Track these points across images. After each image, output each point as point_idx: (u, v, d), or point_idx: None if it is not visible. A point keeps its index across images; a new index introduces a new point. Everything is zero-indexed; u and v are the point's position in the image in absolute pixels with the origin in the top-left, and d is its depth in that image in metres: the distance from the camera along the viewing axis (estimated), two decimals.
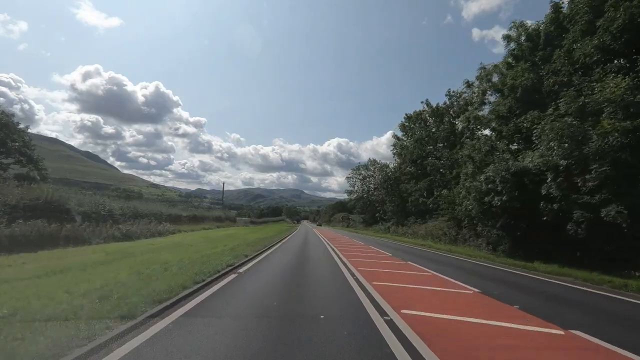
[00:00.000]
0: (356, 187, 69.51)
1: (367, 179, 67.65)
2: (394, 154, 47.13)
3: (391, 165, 51.53)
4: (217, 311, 5.72)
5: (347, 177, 70.35)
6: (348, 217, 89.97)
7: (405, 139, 44.83)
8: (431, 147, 38.30)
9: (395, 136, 47.75)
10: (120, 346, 3.92)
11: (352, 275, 10.50)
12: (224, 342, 4.21)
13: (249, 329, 4.76)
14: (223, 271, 9.38)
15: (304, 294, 7.35)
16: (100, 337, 4.06)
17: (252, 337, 4.44)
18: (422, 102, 39.66)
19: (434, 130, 38.51)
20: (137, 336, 4.25)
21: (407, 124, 44.59)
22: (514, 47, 20.31)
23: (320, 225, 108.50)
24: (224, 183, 68.96)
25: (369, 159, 66.49)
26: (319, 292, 7.70)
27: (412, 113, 43.83)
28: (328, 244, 25.25)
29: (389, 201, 46.82)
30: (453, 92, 37.82)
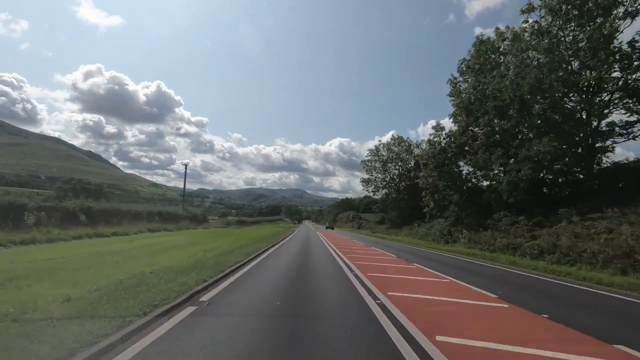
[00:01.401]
0: (374, 175, 49.54)
1: (392, 163, 47.41)
2: (454, 105, 27.16)
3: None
4: None
5: (363, 161, 50.21)
6: (360, 217, 69.76)
7: (475, 80, 24.73)
8: (563, 74, 18.10)
9: (452, 81, 27.79)
10: None
11: None
12: None
13: None
14: None
15: None
16: None
17: None
18: None
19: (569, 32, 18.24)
20: None
21: (478, 56, 24.68)
22: None
23: (332, 229, 67.69)
24: (186, 165, 49.07)
25: (392, 135, 47.00)
26: None
27: (490, 36, 23.89)
28: None
29: (444, 187, 26.76)
30: None
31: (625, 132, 18.47)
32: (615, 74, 18.08)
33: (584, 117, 19.43)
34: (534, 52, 19.35)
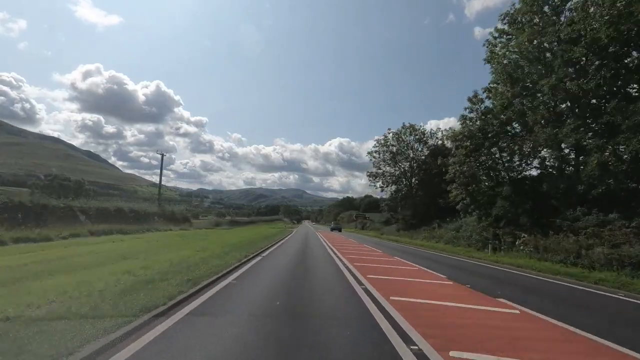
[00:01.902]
0: (382, 169, 42.97)
1: (403, 155, 40.73)
2: (492, 73, 20.89)
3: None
4: None
5: (370, 152, 43.54)
6: (364, 217, 63.27)
7: (530, 32, 18.33)
8: None
9: (490, 43, 21.53)
10: None
11: None
12: None
13: None
14: None
15: None
16: None
17: None
18: None
19: None
20: None
21: (531, 3, 18.37)
22: None
23: (339, 230, 52.59)
24: (162, 155, 41.69)
25: (403, 123, 40.35)
26: None
27: None
28: None
29: (483, 176, 20.47)
30: None
31: None
32: None
33: None
34: None
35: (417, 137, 40.23)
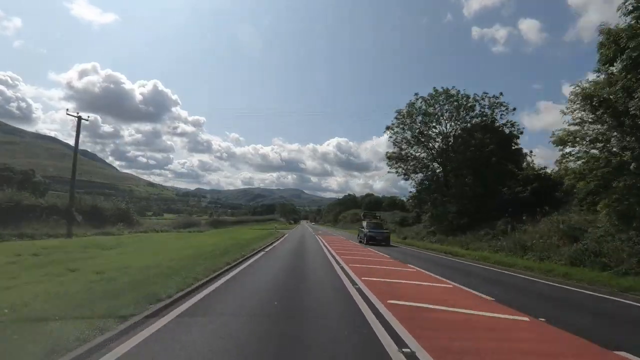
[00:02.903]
0: (406, 150, 30.77)
1: (437, 129, 28.69)
2: None
3: None
4: None
5: (389, 127, 30.31)
6: (375, 215, 51.64)
7: None
8: None
9: None
10: None
11: None
12: None
13: None
14: None
15: None
16: None
17: None
18: None
19: None
20: None
21: None
22: None
23: (383, 243, 22.69)
24: (80, 118, 29.58)
25: (435, 88, 28.86)
26: None
27: None
28: None
29: None
30: None
31: None
32: None
33: None
34: None
35: (454, 104, 28.38)
